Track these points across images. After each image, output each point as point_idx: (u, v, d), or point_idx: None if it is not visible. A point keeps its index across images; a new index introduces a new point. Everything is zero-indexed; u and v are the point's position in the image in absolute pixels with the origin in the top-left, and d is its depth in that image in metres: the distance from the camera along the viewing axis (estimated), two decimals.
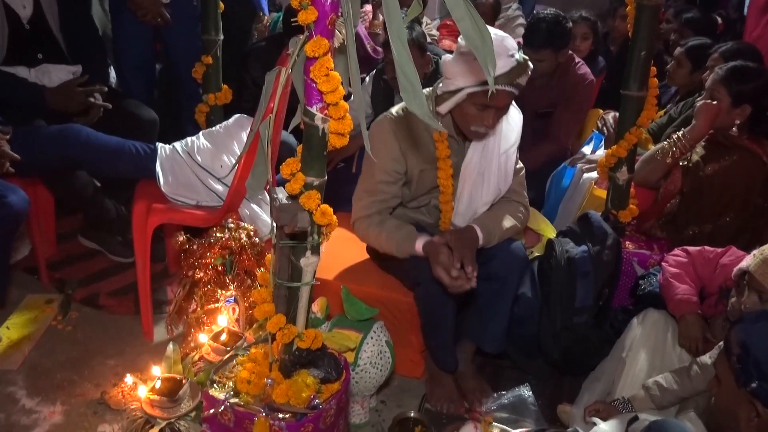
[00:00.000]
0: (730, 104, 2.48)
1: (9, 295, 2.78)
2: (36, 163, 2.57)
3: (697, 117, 2.52)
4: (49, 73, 2.76)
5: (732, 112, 2.48)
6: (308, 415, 1.67)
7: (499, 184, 2.30)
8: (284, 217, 1.59)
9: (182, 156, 2.64)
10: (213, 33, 2.84)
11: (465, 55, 2.05)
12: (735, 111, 2.48)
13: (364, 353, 2.14)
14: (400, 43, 1.29)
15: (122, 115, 2.91)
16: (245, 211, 2.60)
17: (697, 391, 1.96)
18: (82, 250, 3.16)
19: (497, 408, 2.26)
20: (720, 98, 2.49)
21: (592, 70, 3.74)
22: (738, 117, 2.48)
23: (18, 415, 2.22)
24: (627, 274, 2.55)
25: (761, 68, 2.55)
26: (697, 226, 2.58)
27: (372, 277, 2.48)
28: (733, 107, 2.48)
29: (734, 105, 2.47)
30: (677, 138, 2.58)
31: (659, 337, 2.13)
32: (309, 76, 1.46)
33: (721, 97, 2.49)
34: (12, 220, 2.34)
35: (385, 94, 3.22)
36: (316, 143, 1.56)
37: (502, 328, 2.33)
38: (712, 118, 2.48)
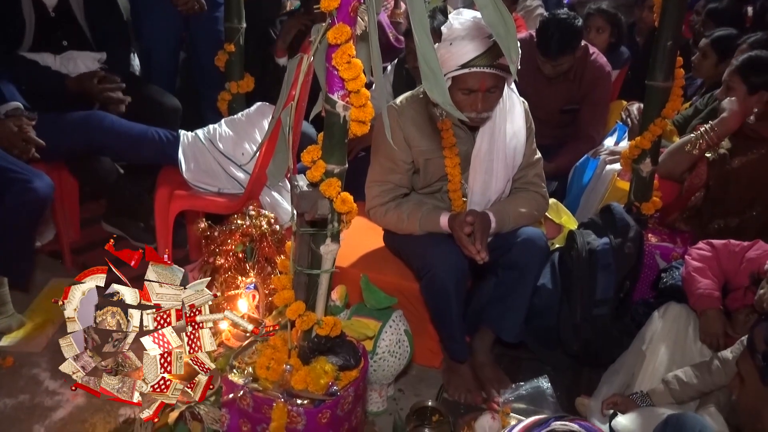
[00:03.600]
0: (746, 92, 2.45)
1: (34, 279, 2.83)
2: (60, 148, 2.61)
3: (725, 111, 2.49)
4: (74, 59, 2.79)
5: (749, 100, 2.45)
6: (326, 402, 1.67)
7: (507, 171, 2.30)
8: (305, 204, 1.59)
9: (204, 143, 2.66)
10: (236, 21, 2.84)
11: (445, 41, 2.06)
12: (752, 99, 2.44)
13: (382, 342, 2.15)
14: (423, 31, 1.29)
15: (145, 101, 2.94)
16: (266, 199, 2.62)
17: (717, 386, 1.94)
18: (105, 236, 3.19)
19: (515, 399, 2.26)
20: (736, 88, 2.47)
21: (615, 61, 3.70)
22: (756, 105, 2.44)
23: (42, 396, 2.26)
24: (649, 267, 2.53)
25: None
26: (722, 220, 2.55)
27: (391, 267, 2.49)
28: (749, 95, 2.45)
29: (750, 93, 2.45)
30: (704, 131, 2.55)
31: (680, 331, 2.11)
32: (331, 64, 1.46)
33: (736, 87, 2.47)
34: (37, 204, 2.38)
35: (407, 84, 3.21)
36: (337, 131, 1.55)
37: (521, 317, 2.33)
38: (741, 113, 2.45)
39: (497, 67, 2.05)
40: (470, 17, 2.05)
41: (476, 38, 2.02)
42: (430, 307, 2.33)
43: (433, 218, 2.25)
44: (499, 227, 2.26)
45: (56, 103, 2.68)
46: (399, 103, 2.30)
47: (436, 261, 2.19)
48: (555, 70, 3.21)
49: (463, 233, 2.16)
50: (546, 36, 3.11)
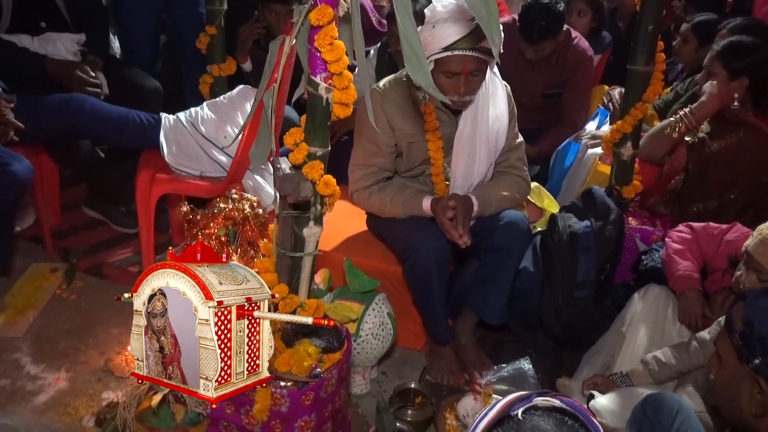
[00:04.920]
0: (727, 78, 2.47)
1: (14, 264, 2.81)
2: (40, 132, 2.58)
3: (705, 95, 2.51)
4: (53, 41, 2.75)
5: (729, 86, 2.47)
6: (309, 384, 1.68)
7: (489, 155, 2.31)
8: (287, 186, 1.59)
9: (186, 126, 2.64)
10: (217, 3, 2.81)
11: (428, 24, 2.07)
12: (732, 84, 2.47)
13: (365, 324, 2.16)
14: (406, 13, 1.28)
15: (125, 84, 2.91)
16: (249, 183, 2.61)
17: (695, 366, 1.97)
18: (86, 220, 3.18)
19: (497, 380, 2.28)
20: (716, 73, 2.49)
21: (596, 45, 3.71)
22: (736, 90, 2.46)
23: (23, 381, 2.25)
24: (629, 249, 2.55)
25: (757, 42, 2.52)
26: (701, 203, 2.58)
27: (374, 250, 2.49)
28: (730, 80, 2.47)
29: (731, 78, 2.47)
30: (684, 114, 2.57)
31: (660, 313, 2.14)
32: (313, 45, 1.46)
33: (717, 72, 2.49)
34: (16, 188, 2.35)
35: (390, 68, 3.20)
36: (320, 113, 1.55)
37: (504, 300, 2.35)
38: (720, 97, 2.47)
39: (480, 50, 2.05)
40: (453, 0, 2.04)
41: (459, 21, 2.02)
42: (413, 290, 2.35)
43: (416, 202, 2.26)
44: (481, 210, 2.27)
45: (35, 86, 2.64)
46: (382, 86, 2.30)
47: (419, 244, 2.20)
48: (537, 55, 3.21)
49: (446, 217, 2.17)
50: (528, 21, 3.11)
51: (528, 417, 0.89)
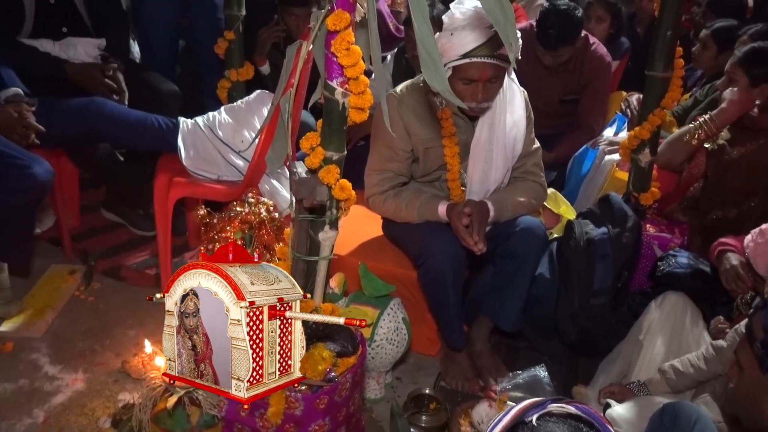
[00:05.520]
0: (748, 84, 2.44)
1: (33, 265, 2.84)
2: (60, 135, 2.62)
3: (725, 101, 2.48)
4: (74, 46, 2.79)
5: (750, 92, 2.44)
6: (324, 388, 1.68)
7: (506, 161, 2.31)
8: (303, 190, 1.60)
9: (204, 130, 2.66)
10: (236, 8, 2.83)
11: (446, 31, 2.07)
12: (754, 91, 2.44)
13: (380, 329, 2.16)
14: (422, 19, 1.29)
15: (145, 88, 2.94)
16: (265, 186, 2.62)
17: (713, 375, 1.95)
18: (104, 223, 3.21)
19: (512, 387, 2.27)
20: (737, 80, 2.46)
21: (615, 51, 3.69)
22: (757, 97, 2.43)
23: (41, 381, 2.27)
24: (647, 257, 2.53)
25: None
26: (720, 211, 2.55)
27: (389, 255, 2.49)
28: (751, 87, 2.44)
29: (752, 85, 2.44)
30: (703, 121, 2.54)
31: (677, 321, 2.12)
32: (330, 50, 1.46)
33: (738, 79, 2.46)
34: (36, 190, 2.38)
35: (407, 73, 3.20)
36: (336, 118, 1.56)
37: (519, 306, 2.34)
38: (741, 103, 2.45)
39: (498, 57, 2.05)
40: (471, 7, 2.04)
41: (477, 28, 2.02)
42: (428, 296, 2.34)
43: (432, 207, 2.26)
44: (497, 216, 2.27)
45: (56, 89, 2.68)
46: (399, 91, 2.30)
47: (434, 249, 2.20)
48: (555, 61, 3.20)
49: (461, 224, 2.17)
50: (546, 27, 3.10)
51: (542, 423, 0.89)
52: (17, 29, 2.71)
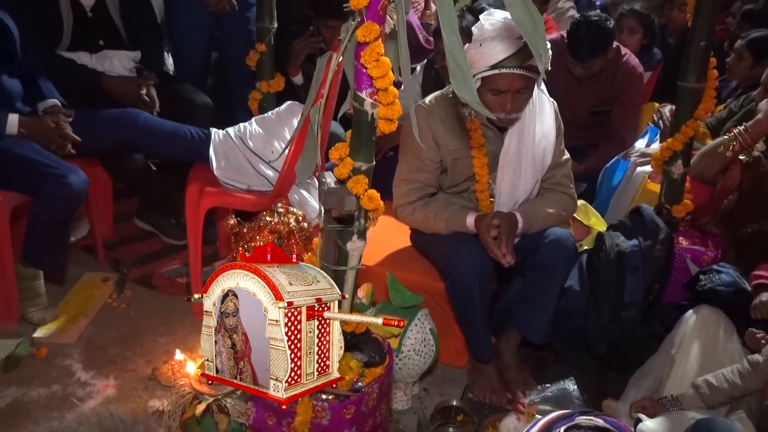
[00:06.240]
0: None
1: (68, 273, 2.90)
2: (95, 145, 2.67)
3: (761, 112, 2.44)
4: (110, 58, 2.86)
5: None
6: (351, 398, 1.69)
7: (535, 172, 2.29)
8: (332, 200, 1.61)
9: (235, 141, 2.70)
10: (267, 21, 2.87)
11: (475, 42, 2.07)
12: None
13: (407, 340, 2.15)
14: (451, 29, 1.29)
15: (178, 99, 2.99)
16: (294, 197, 2.64)
17: (748, 391, 1.90)
18: (137, 232, 3.26)
19: (540, 400, 2.24)
20: None
21: (647, 62, 3.66)
22: None
23: (74, 386, 2.31)
24: (679, 270, 2.49)
25: None
26: (755, 224, 2.50)
27: (417, 265, 2.49)
28: None
29: None
30: (738, 132, 2.50)
31: (710, 335, 2.08)
32: (359, 61, 1.47)
33: None
34: (72, 199, 2.43)
35: (436, 84, 3.21)
36: (365, 128, 1.57)
37: (548, 318, 2.32)
38: None
39: (527, 68, 2.05)
40: (501, 18, 2.04)
41: (506, 39, 2.02)
42: (455, 307, 2.33)
43: (460, 218, 2.25)
44: (526, 228, 2.25)
45: (91, 101, 2.75)
46: (428, 102, 2.31)
47: (461, 260, 2.19)
48: (586, 72, 3.18)
49: (489, 236, 2.16)
50: (577, 38, 3.09)
51: None
52: (56, 42, 2.78)
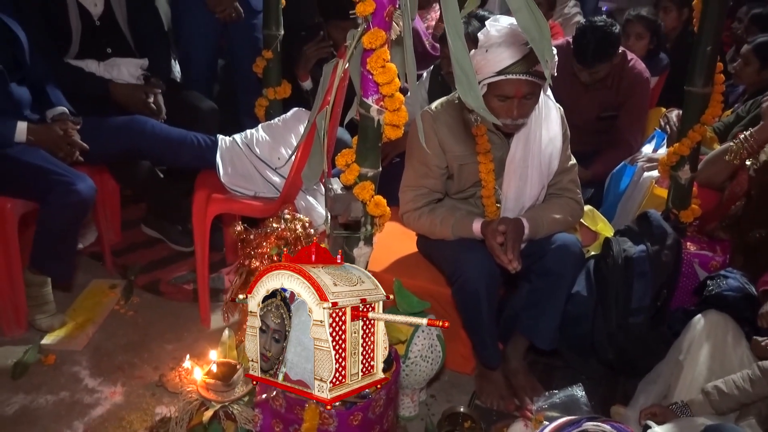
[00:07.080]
0: None
1: (75, 279, 2.90)
2: (102, 152, 2.69)
3: (765, 117, 2.43)
4: (118, 66, 2.87)
5: None
6: (358, 404, 1.68)
7: (542, 177, 2.29)
8: (338, 206, 1.62)
9: (241, 148, 2.71)
10: (274, 28, 2.88)
11: (481, 48, 2.07)
12: None
13: (414, 346, 2.15)
14: (457, 35, 1.30)
15: (184, 106, 3.01)
16: (301, 203, 2.65)
17: (759, 398, 1.89)
18: (144, 238, 3.27)
19: (548, 407, 2.23)
20: None
21: (653, 67, 3.66)
22: None
23: (81, 393, 2.32)
24: (687, 275, 2.48)
25: None
26: (763, 230, 2.49)
27: (424, 271, 2.49)
28: None
29: None
30: (744, 138, 2.50)
31: (719, 340, 2.07)
32: (365, 68, 1.48)
33: None
34: (80, 206, 2.44)
35: (443, 90, 3.21)
36: (372, 134, 1.57)
37: (555, 324, 2.31)
38: None
39: (533, 74, 2.05)
40: (507, 24, 2.05)
41: (512, 45, 2.02)
42: (462, 313, 2.33)
43: (466, 224, 2.25)
44: (532, 234, 2.25)
45: (99, 108, 2.76)
46: (434, 108, 2.31)
47: (468, 266, 2.19)
48: (592, 78, 3.18)
49: (496, 242, 2.16)
50: (582, 43, 3.09)
51: None
52: (64, 50, 2.80)
